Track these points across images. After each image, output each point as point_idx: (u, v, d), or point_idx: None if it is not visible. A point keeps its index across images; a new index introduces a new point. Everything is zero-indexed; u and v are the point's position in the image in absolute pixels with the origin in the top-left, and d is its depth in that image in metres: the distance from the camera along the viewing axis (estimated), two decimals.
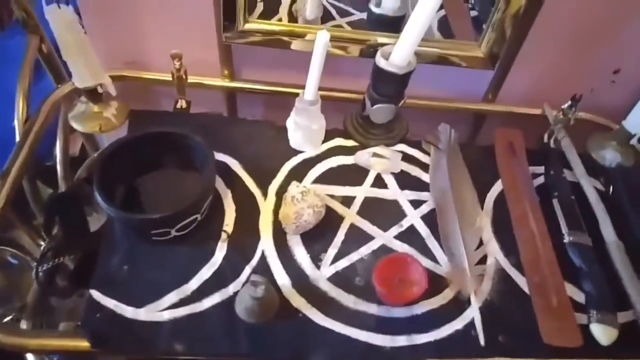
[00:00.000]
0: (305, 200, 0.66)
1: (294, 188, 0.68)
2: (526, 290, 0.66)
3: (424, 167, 0.78)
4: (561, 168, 0.80)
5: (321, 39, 0.61)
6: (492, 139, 0.83)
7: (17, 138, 0.72)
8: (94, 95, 0.71)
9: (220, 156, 0.74)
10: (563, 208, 0.74)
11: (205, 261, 0.63)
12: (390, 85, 0.72)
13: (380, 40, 0.79)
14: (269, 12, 0.80)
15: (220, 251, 0.64)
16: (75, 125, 0.74)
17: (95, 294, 0.58)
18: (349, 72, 0.83)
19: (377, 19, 0.81)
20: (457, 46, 0.81)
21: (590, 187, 0.77)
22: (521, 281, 0.67)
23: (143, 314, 0.57)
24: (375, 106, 0.75)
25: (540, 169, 0.81)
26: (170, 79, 0.76)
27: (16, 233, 0.97)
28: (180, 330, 0.57)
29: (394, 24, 0.80)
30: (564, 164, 0.81)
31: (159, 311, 0.58)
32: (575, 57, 0.86)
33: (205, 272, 0.62)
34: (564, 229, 0.72)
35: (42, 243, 0.83)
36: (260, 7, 0.80)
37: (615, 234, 0.71)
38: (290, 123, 0.75)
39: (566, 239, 0.71)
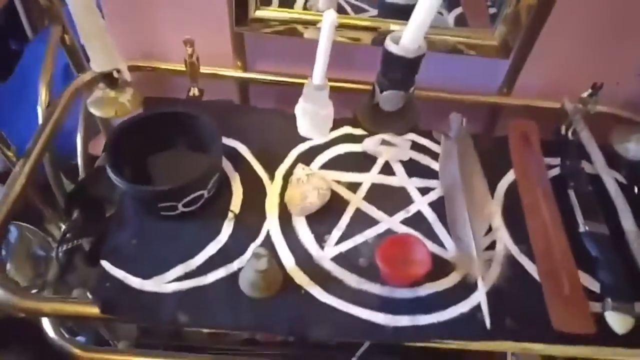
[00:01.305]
0: (311, 183, 0.66)
1: (299, 170, 0.68)
2: (536, 277, 0.64)
3: (434, 156, 0.78)
4: (579, 159, 0.78)
5: (328, 18, 0.62)
6: (507, 131, 0.82)
7: (40, 122, 0.75)
8: (110, 80, 0.74)
9: (229, 141, 0.76)
10: (579, 198, 0.72)
11: (211, 238, 0.64)
12: (399, 71, 0.72)
13: (393, 27, 0.79)
14: (285, 6, 0.81)
15: (227, 229, 0.65)
16: (92, 110, 0.77)
17: (106, 264, 0.60)
18: (360, 63, 0.84)
19: (389, 8, 0.81)
20: (472, 34, 0.80)
21: (610, 179, 0.75)
22: (531, 268, 0.65)
23: (150, 285, 0.59)
24: (384, 92, 0.75)
25: (556, 161, 0.79)
26: (184, 68, 0.78)
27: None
28: (184, 302, 0.58)
29: (406, 12, 0.80)
30: (582, 156, 0.79)
31: (164, 283, 0.59)
32: (596, 49, 0.84)
33: (211, 249, 0.63)
34: (580, 218, 0.70)
35: (63, 226, 0.86)
36: (276, 2, 0.82)
37: (636, 225, 0.68)
38: (298, 109, 0.76)
39: (582, 229, 0.69)
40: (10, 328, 0.62)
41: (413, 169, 0.76)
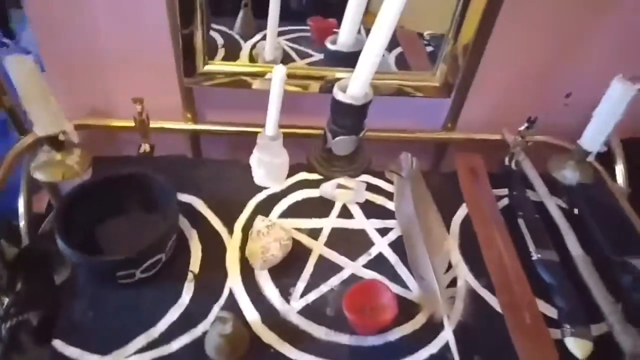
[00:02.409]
0: (271, 234, 0.66)
1: (259, 222, 0.68)
2: (498, 309, 0.66)
3: (389, 195, 0.79)
4: (524, 189, 0.83)
5: (278, 72, 0.63)
6: (454, 166, 0.86)
7: None
8: (55, 143, 0.71)
9: (184, 197, 0.74)
10: (529, 226, 0.76)
11: (172, 303, 0.61)
12: (348, 117, 0.74)
13: (338, 75, 0.82)
14: (230, 58, 0.82)
15: (188, 292, 0.63)
16: (37, 175, 0.73)
17: (59, 344, 0.56)
18: (310, 109, 0.86)
19: (334, 56, 0.84)
20: (414, 77, 0.84)
21: (553, 205, 0.79)
22: (493, 301, 0.67)
23: None
24: (336, 138, 0.77)
25: (504, 191, 0.83)
26: (134, 124, 0.77)
27: None
28: None
29: (351, 60, 0.83)
30: (526, 185, 0.83)
31: (126, 357, 0.56)
32: (528, 83, 0.91)
33: (173, 314, 0.60)
34: (531, 246, 0.73)
35: (6, 299, 0.80)
36: (221, 52, 0.83)
37: (581, 248, 0.72)
38: (253, 160, 0.76)
39: (534, 257, 0.72)
40: None
41: (370, 210, 0.77)
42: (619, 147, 0.91)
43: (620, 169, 0.90)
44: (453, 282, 0.68)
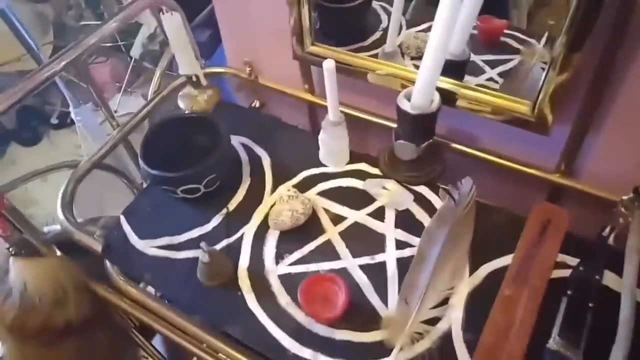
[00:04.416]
0: (289, 203, 0.74)
1: (284, 190, 0.76)
2: None
3: (433, 214, 0.75)
4: (601, 268, 0.66)
5: (326, 65, 0.68)
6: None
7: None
8: (192, 82, 0.93)
9: (259, 150, 0.88)
10: (570, 310, 0.63)
11: (200, 224, 0.77)
12: (406, 124, 0.73)
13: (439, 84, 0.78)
14: (382, 42, 0.84)
15: (215, 221, 0.78)
16: (179, 102, 0.97)
17: (122, 218, 0.79)
18: None
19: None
20: (509, 103, 0.74)
21: (629, 301, 0.62)
22: None
23: (140, 244, 0.76)
24: (397, 141, 0.77)
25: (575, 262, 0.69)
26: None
27: None
28: (154, 265, 0.73)
29: (456, 69, 0.79)
30: (610, 267, 0.67)
31: (150, 247, 0.75)
32: None
33: (195, 232, 0.76)
34: (555, 331, 0.61)
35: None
36: (377, 35, 0.86)
37: None
38: (320, 138, 0.83)
39: (550, 344, 0.60)
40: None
41: (404, 220, 0.76)
42: None
43: None
44: (433, 321, 0.64)
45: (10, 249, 0.78)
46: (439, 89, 0.74)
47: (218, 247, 0.74)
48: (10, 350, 0.80)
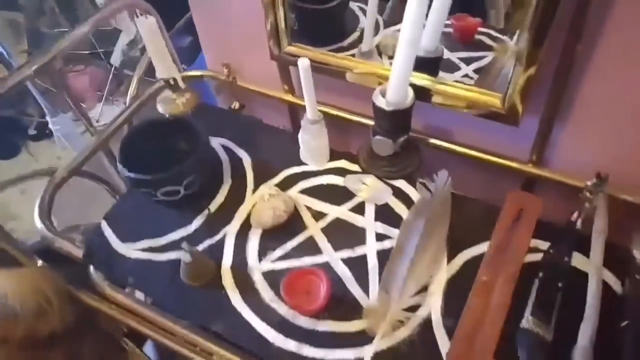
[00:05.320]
0: (270, 202, 0.75)
1: (266, 188, 0.77)
2: (443, 356, 0.61)
3: (411, 206, 0.78)
4: (570, 250, 0.69)
5: (300, 63, 0.70)
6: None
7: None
8: (170, 85, 0.94)
9: (240, 152, 0.89)
10: (541, 289, 0.65)
11: (182, 226, 0.78)
12: (382, 121, 0.75)
13: (412, 79, 0.80)
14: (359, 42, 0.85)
15: (197, 222, 0.78)
16: (158, 106, 0.98)
17: (103, 222, 0.79)
18: None
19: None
20: (480, 95, 0.77)
21: (595, 280, 0.65)
22: (443, 345, 0.62)
23: (122, 247, 0.76)
24: (375, 137, 0.79)
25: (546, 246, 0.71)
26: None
27: None
28: (137, 268, 0.73)
29: (430, 65, 0.81)
30: (578, 248, 0.69)
31: (132, 250, 0.76)
32: None
33: (178, 234, 0.77)
34: (528, 311, 0.63)
35: None
36: (355, 35, 0.87)
37: (593, 341, 0.59)
38: (299, 137, 0.84)
39: (523, 323, 0.63)
40: None
41: (383, 214, 0.77)
42: None
43: None
44: (413, 308, 0.66)
45: None
46: (414, 86, 0.76)
47: (200, 247, 0.75)
48: None
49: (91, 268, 0.78)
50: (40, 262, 0.83)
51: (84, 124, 0.98)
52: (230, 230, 0.77)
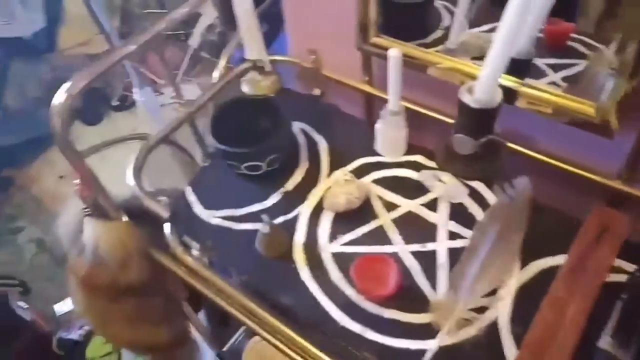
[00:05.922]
0: (344, 187, 0.77)
1: (341, 174, 0.79)
2: None
3: (486, 208, 0.77)
4: None
5: (392, 53, 0.70)
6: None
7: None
8: (257, 67, 0.98)
9: (317, 136, 0.91)
10: (623, 312, 0.63)
11: (260, 200, 0.82)
12: (466, 118, 0.74)
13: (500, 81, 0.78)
14: (444, 39, 0.86)
15: (273, 199, 0.82)
16: (243, 86, 1.02)
17: (188, 188, 0.85)
18: None
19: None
20: (575, 104, 0.74)
21: None
22: (509, 351, 0.62)
23: (204, 214, 0.81)
24: (455, 135, 0.78)
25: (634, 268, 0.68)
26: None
27: None
28: (215, 233, 0.78)
29: (519, 67, 0.79)
30: None
31: (213, 217, 0.80)
32: None
33: (255, 207, 0.81)
34: (607, 332, 0.61)
35: None
36: (438, 33, 0.88)
37: None
38: (376, 127, 0.85)
39: (601, 344, 0.60)
40: None
41: (457, 213, 0.77)
42: None
43: None
44: (481, 310, 0.65)
45: (86, 210, 0.85)
46: (500, 86, 0.75)
47: (275, 222, 0.78)
48: (80, 300, 0.87)
49: (166, 230, 0.82)
50: (125, 219, 0.89)
51: (171, 97, 1.05)
52: (304, 210, 0.79)
